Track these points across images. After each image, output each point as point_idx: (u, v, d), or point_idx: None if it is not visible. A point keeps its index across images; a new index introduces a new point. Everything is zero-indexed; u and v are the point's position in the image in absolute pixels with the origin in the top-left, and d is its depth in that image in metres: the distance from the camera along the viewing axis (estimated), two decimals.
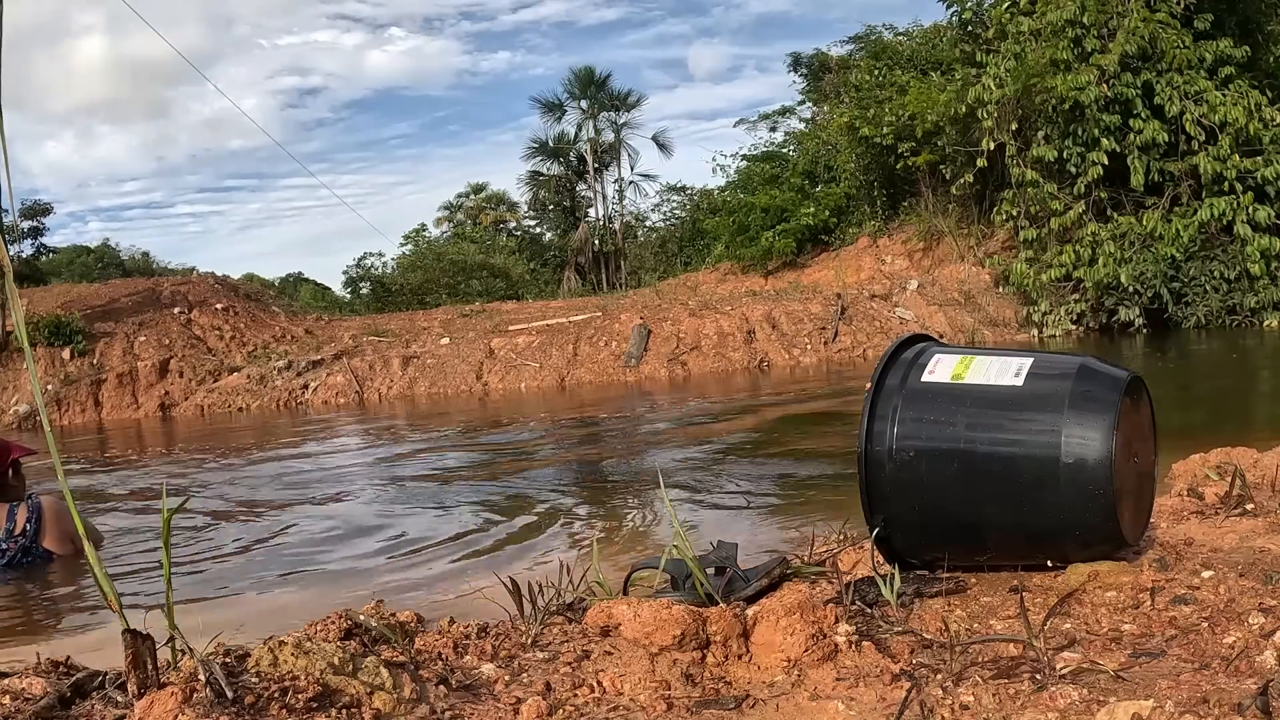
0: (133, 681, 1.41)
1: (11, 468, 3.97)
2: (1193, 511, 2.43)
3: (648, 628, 1.67)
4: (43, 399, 3.68)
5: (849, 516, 2.64)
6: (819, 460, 5.94)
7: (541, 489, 5.55)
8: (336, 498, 5.78)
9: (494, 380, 14.39)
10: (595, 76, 34.82)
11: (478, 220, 38.96)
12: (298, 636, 1.54)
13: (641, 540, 3.96)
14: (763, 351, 14.22)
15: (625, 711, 1.51)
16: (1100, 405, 1.92)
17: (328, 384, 14.75)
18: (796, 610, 1.67)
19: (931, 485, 2.00)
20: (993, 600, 1.93)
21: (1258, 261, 13.41)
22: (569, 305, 19.08)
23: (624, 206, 36.38)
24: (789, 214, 19.91)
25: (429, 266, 29.90)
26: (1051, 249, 14.44)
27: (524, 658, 1.70)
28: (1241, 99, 13.71)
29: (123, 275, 28.04)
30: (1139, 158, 13.97)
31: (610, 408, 10.82)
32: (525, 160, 36.97)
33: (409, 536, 4.35)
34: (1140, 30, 13.82)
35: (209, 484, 6.86)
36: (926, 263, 17.76)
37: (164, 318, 17.04)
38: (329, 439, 10.12)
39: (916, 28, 22.16)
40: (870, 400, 2.07)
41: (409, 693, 1.48)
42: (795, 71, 26.82)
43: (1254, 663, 1.48)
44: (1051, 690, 1.43)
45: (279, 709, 1.37)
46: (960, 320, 14.74)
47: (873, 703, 1.49)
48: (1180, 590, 1.80)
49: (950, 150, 16.48)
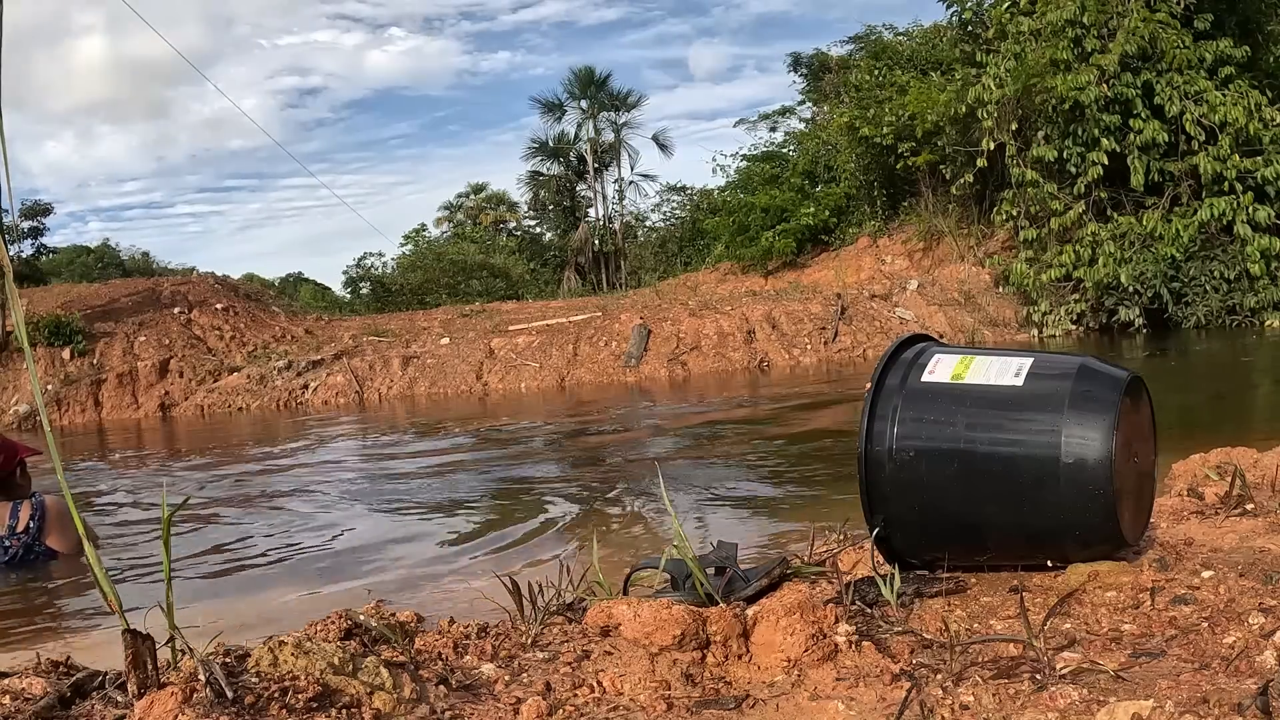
0: (133, 681, 1.41)
1: (19, 467, 3.99)
2: (1193, 511, 2.43)
3: (648, 628, 1.67)
4: (43, 399, 3.68)
5: (849, 516, 2.64)
6: (819, 460, 5.94)
7: (541, 489, 5.56)
8: (336, 498, 5.78)
9: (494, 380, 14.39)
10: (595, 76, 34.86)
11: (478, 220, 38.96)
12: (298, 636, 1.54)
13: (641, 540, 3.96)
14: (763, 351, 14.22)
15: (625, 711, 1.51)
16: (1100, 405, 1.92)
17: (328, 384, 14.75)
18: (796, 610, 1.67)
19: (931, 485, 2.00)
20: (993, 600, 1.93)
21: (1258, 261, 13.42)
22: (569, 305, 19.08)
23: (624, 206, 36.43)
24: (789, 214, 19.92)
25: (429, 266, 29.90)
26: (1051, 249, 14.44)
27: (524, 658, 1.70)
28: (1241, 99, 13.72)
29: (123, 275, 28.03)
30: (1139, 158, 13.97)
31: (610, 408, 10.82)
32: (525, 160, 37.04)
33: (409, 536, 4.36)
34: (1140, 30, 13.82)
35: (208, 484, 6.86)
36: (926, 263, 17.76)
37: (164, 318, 17.04)
38: (329, 439, 10.12)
39: (916, 28, 22.21)
40: (870, 400, 2.07)
41: (409, 693, 1.48)
42: (795, 71, 26.86)
43: (1254, 663, 1.48)
44: (1051, 690, 1.42)
45: (279, 709, 1.37)
46: (960, 320, 14.74)
47: (873, 703, 1.49)
48: (1180, 590, 1.80)
49: (950, 150, 16.48)
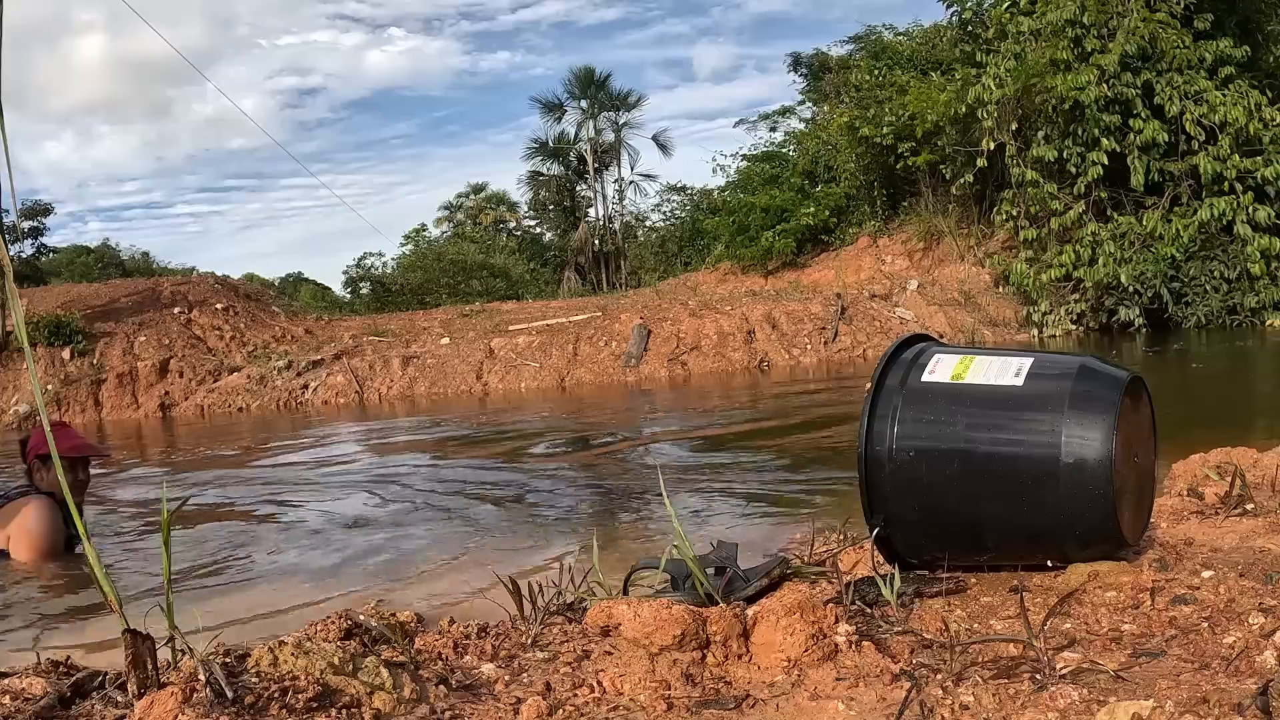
0: (133, 681, 1.41)
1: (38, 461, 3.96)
2: (1193, 511, 2.43)
3: (648, 628, 1.67)
4: (43, 399, 3.68)
5: (849, 516, 2.64)
6: (819, 460, 5.94)
7: (541, 489, 5.56)
8: (335, 498, 5.78)
9: (494, 380, 14.39)
10: (595, 76, 34.79)
11: (478, 220, 38.93)
12: (298, 636, 1.54)
13: (641, 540, 3.95)
14: (763, 351, 14.21)
15: (625, 711, 1.50)
16: (1100, 405, 1.92)
17: (328, 384, 14.75)
18: (796, 610, 1.67)
19: (931, 485, 2.00)
20: (993, 600, 1.93)
21: (1258, 261, 13.42)
22: (569, 305, 19.06)
23: (624, 206, 36.35)
24: (789, 214, 19.90)
25: (429, 266, 29.86)
26: (1051, 249, 14.44)
27: (524, 658, 1.70)
28: (1241, 99, 13.71)
29: (123, 275, 28.00)
30: (1139, 158, 13.97)
31: (610, 407, 10.82)
32: (525, 160, 36.95)
33: (409, 536, 4.35)
34: (1140, 30, 13.82)
35: (207, 484, 6.86)
36: (926, 263, 17.75)
37: (164, 318, 17.03)
38: (328, 439, 10.12)
39: (916, 28, 22.18)
40: (870, 400, 2.07)
41: (409, 693, 1.48)
42: (795, 71, 26.80)
43: (1254, 663, 1.48)
44: (1051, 690, 1.42)
45: (279, 709, 1.37)
46: (960, 320, 14.73)
47: (873, 703, 1.49)
48: (1180, 590, 1.80)
49: (950, 150, 16.47)
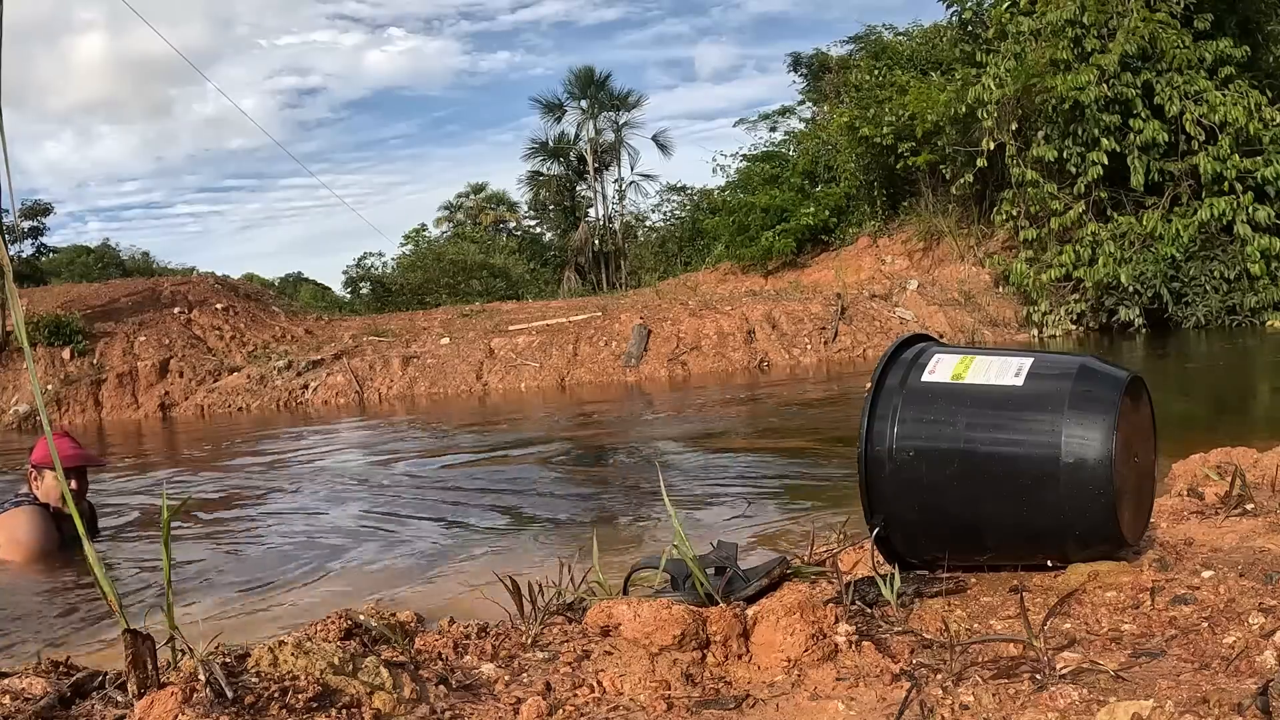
0: (133, 681, 1.41)
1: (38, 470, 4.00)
2: (1193, 511, 2.43)
3: (648, 628, 1.67)
4: (43, 399, 3.68)
5: (849, 516, 2.64)
6: (819, 460, 5.94)
7: (541, 489, 5.55)
8: (335, 498, 5.78)
9: (494, 380, 14.39)
10: (595, 76, 34.78)
11: (478, 220, 38.93)
12: (298, 636, 1.54)
13: (641, 540, 3.95)
14: (763, 351, 14.21)
15: (625, 711, 1.50)
16: (1100, 405, 1.92)
17: (328, 384, 14.75)
18: (796, 610, 1.67)
19: (931, 485, 2.00)
20: (993, 600, 1.93)
21: (1258, 261, 13.41)
22: (569, 305, 19.05)
23: (624, 206, 36.35)
24: (789, 214, 19.91)
25: (429, 266, 29.87)
26: (1051, 249, 14.44)
27: (524, 658, 1.70)
28: (1241, 99, 13.71)
29: (123, 275, 27.98)
30: (1139, 158, 13.97)
31: (610, 407, 10.82)
32: (525, 160, 36.96)
33: (409, 536, 4.35)
34: (1140, 30, 13.82)
35: (208, 484, 6.86)
36: (926, 263, 17.75)
37: (164, 318, 17.03)
38: (328, 439, 10.11)
39: (916, 28, 22.19)
40: (870, 400, 2.07)
41: (409, 693, 1.48)
42: (795, 71, 26.81)
43: (1254, 663, 1.48)
44: (1051, 690, 1.42)
45: (279, 709, 1.37)
46: (960, 320, 14.73)
47: (873, 703, 1.49)
48: (1180, 590, 1.80)
49: (950, 150, 16.47)
